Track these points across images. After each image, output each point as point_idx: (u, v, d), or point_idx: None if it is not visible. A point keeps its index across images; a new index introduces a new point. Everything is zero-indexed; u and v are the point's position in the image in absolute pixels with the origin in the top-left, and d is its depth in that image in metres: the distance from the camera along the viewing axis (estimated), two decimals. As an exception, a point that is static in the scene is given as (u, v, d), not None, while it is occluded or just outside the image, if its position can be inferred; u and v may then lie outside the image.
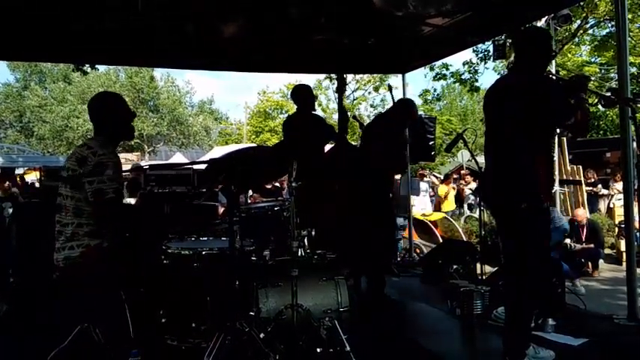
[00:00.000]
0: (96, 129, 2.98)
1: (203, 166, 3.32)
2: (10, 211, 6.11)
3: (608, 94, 3.27)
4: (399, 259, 7.00)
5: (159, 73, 34.29)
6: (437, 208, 11.84)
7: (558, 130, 7.05)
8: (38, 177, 14.41)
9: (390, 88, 5.20)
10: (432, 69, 14.64)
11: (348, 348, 2.99)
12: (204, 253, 3.18)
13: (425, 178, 12.81)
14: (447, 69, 14.62)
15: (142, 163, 17.26)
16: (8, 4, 4.68)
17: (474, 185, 12.93)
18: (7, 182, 11.45)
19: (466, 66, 14.51)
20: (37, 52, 5.56)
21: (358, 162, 4.38)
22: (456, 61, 79.74)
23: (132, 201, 6.12)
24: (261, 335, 2.93)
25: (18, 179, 14.83)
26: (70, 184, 2.82)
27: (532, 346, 3.01)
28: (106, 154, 2.79)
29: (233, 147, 15.30)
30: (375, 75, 22.60)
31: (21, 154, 20.98)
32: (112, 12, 5.07)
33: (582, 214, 8.05)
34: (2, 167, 16.34)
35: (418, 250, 7.64)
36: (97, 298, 2.82)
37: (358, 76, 24.14)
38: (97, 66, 12.03)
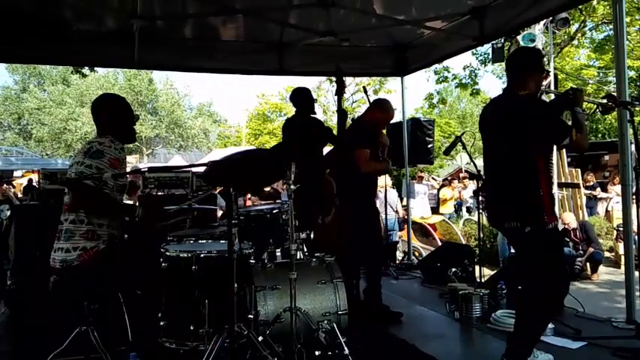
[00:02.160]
0: (99, 130, 2.95)
1: (202, 169, 3.31)
2: (8, 213, 6.10)
3: (604, 100, 3.26)
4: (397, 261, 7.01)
5: (157, 75, 34.34)
6: (436, 210, 11.87)
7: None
8: (37, 179, 14.42)
9: (364, 90, 5.16)
10: (436, 72, 14.65)
11: (346, 351, 3.00)
12: (202, 255, 3.18)
13: (423, 181, 12.82)
14: (448, 71, 14.63)
15: (141, 166, 17.24)
16: (7, 6, 4.69)
17: (472, 187, 12.96)
18: (5, 185, 11.42)
19: (467, 70, 14.53)
20: (36, 54, 5.54)
21: (341, 166, 4.35)
22: (457, 63, 79.84)
23: (129, 203, 6.11)
24: (260, 338, 2.93)
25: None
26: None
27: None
28: (112, 147, 2.78)
29: (232, 150, 15.31)
30: (374, 78, 22.62)
31: (19, 156, 20.94)
32: (111, 14, 5.09)
33: (570, 217, 8.01)
34: (0, 170, 16.29)
35: (417, 253, 7.65)
36: (94, 301, 2.82)
37: (358, 79, 24.16)
38: (95, 68, 12.07)
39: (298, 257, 3.53)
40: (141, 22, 4.99)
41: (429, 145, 6.96)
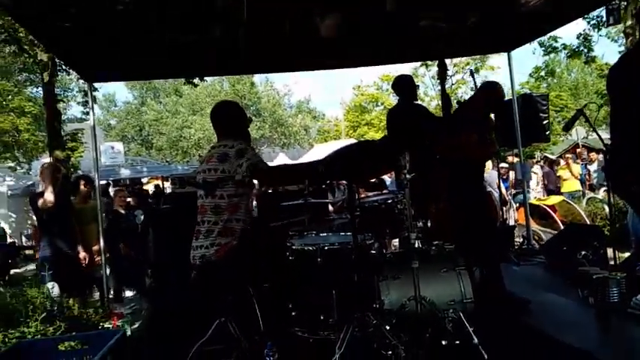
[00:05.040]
0: (220, 134, 3.18)
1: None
2: (142, 218, 6.73)
3: None
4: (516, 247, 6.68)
5: (258, 78, 35.76)
6: (558, 191, 11.14)
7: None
8: (161, 185, 15.92)
9: (471, 73, 5.00)
10: (541, 44, 13.70)
11: (475, 340, 2.92)
12: (326, 248, 3.29)
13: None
14: (556, 41, 13.59)
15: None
16: (123, 35, 5.12)
17: (595, 164, 11.98)
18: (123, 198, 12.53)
19: (581, 38, 13.38)
20: (152, 70, 5.99)
21: (449, 153, 4.22)
22: (564, 31, 73.68)
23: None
24: (387, 327, 2.95)
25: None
26: (210, 185, 2.99)
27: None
28: (242, 144, 3.01)
29: (335, 144, 15.48)
30: (474, 56, 21.71)
31: (144, 165, 22.86)
32: (218, 23, 5.36)
33: None
34: (130, 178, 17.90)
35: (537, 237, 7.23)
36: (230, 293, 3.03)
37: (456, 60, 23.33)
38: (205, 77, 12.86)
39: (417, 246, 3.50)
40: (246, 29, 5.21)
41: (544, 122, 6.51)
